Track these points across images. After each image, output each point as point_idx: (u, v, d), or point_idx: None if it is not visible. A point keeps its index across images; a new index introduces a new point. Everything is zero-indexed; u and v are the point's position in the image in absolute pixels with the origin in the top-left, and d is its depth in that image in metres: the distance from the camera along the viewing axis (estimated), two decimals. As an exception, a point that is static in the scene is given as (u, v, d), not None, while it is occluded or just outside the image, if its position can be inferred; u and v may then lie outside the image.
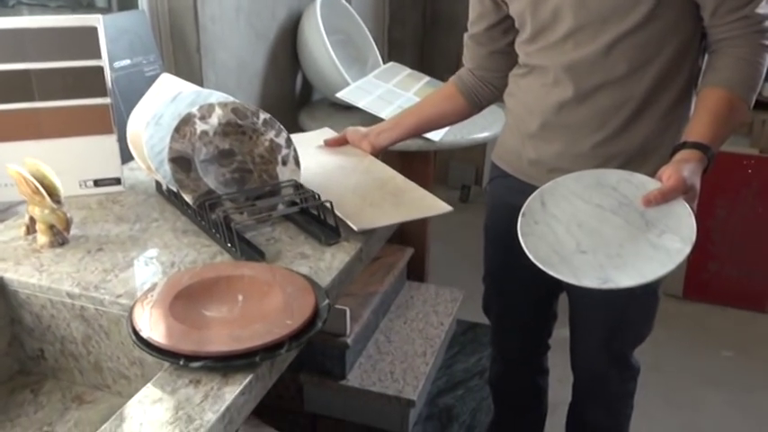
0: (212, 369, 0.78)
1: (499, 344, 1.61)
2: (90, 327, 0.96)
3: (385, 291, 1.92)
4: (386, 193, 1.22)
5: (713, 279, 2.60)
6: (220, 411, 0.73)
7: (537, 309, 1.51)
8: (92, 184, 1.25)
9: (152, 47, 1.55)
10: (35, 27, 1.16)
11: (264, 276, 0.94)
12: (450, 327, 2.03)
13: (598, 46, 1.15)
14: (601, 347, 1.42)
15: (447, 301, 2.08)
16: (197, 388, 0.76)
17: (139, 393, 0.75)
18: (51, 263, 1.02)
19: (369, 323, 1.83)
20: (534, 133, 1.28)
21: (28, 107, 1.18)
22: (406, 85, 2.18)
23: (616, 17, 1.12)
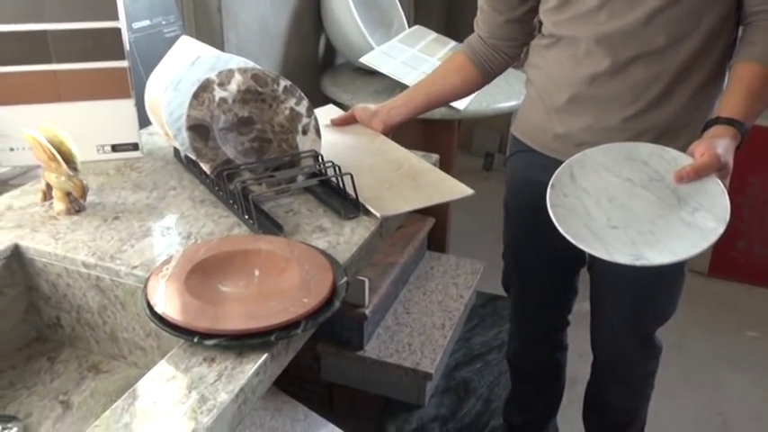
0: (227, 347, 0.77)
1: (518, 320, 1.59)
2: (106, 297, 0.96)
3: (405, 262, 1.90)
4: (403, 176, 1.19)
5: (741, 257, 2.55)
6: (234, 392, 0.72)
7: (557, 285, 1.48)
8: (109, 149, 1.24)
9: (172, 7, 1.51)
10: (52, -13, 1.13)
11: (282, 251, 0.92)
12: (470, 299, 2.01)
13: (637, 16, 1.10)
14: (625, 327, 1.40)
15: (467, 272, 2.06)
16: (211, 366, 0.75)
17: (153, 370, 0.74)
18: (67, 230, 1.01)
19: (388, 294, 1.81)
20: (562, 107, 1.24)
21: (45, 69, 1.16)
22: (432, 51, 2.12)
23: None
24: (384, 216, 1.06)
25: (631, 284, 1.34)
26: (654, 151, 1.08)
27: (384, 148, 1.30)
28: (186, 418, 0.68)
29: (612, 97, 1.18)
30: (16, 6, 1.12)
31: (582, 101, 1.21)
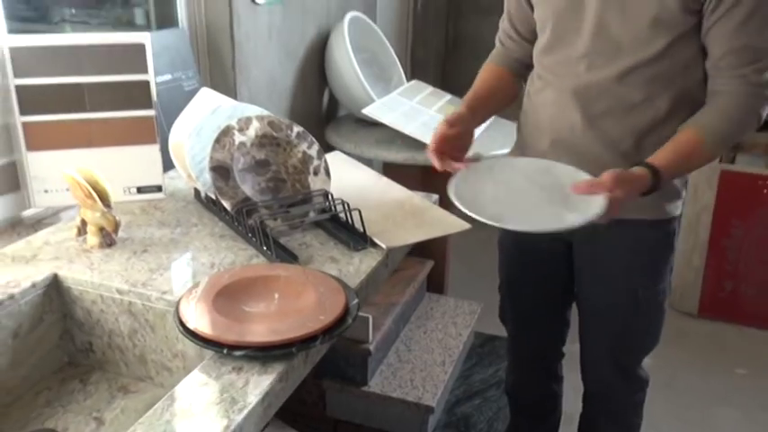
0: (253, 358, 0.86)
1: (515, 350, 1.67)
2: (137, 321, 1.04)
3: (406, 301, 1.98)
4: (406, 213, 1.30)
5: (728, 298, 2.64)
6: (261, 395, 0.80)
7: (550, 315, 1.57)
8: (135, 190, 1.34)
9: (191, 63, 1.64)
10: (89, 44, 1.26)
11: (298, 277, 1.02)
12: (469, 338, 2.09)
13: (612, 72, 1.21)
14: (607, 358, 1.48)
15: (465, 313, 2.14)
16: (239, 374, 0.84)
17: (188, 377, 0.83)
18: (101, 262, 1.11)
19: (390, 332, 1.89)
20: (545, 151, 1.33)
21: (80, 118, 1.27)
22: (429, 103, 2.26)
23: (632, 47, 1.18)
24: (390, 247, 1.16)
25: (613, 320, 1.43)
26: (570, 171, 1.20)
27: (388, 188, 1.41)
28: (219, 417, 0.76)
29: (588, 146, 1.27)
30: (56, 61, 1.24)
31: (562, 147, 1.30)
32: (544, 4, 1.28)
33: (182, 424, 0.75)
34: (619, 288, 1.39)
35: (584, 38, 1.22)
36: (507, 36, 1.43)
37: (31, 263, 1.10)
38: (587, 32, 1.22)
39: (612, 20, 1.18)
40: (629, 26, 1.18)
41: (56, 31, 2.01)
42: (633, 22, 1.17)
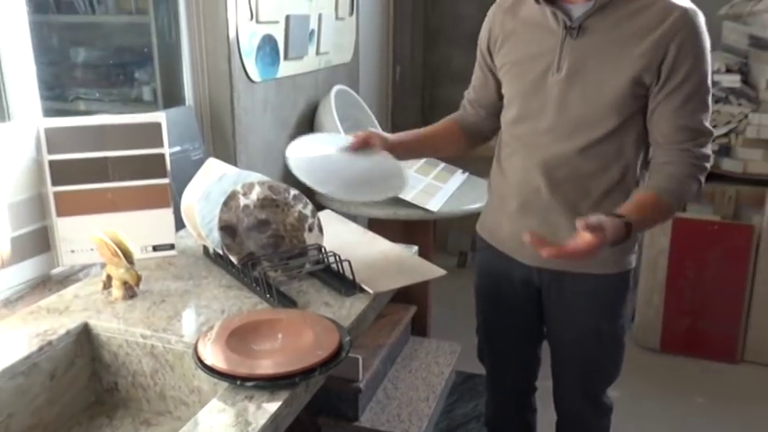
0: (262, 388, 0.98)
1: (493, 386, 1.78)
2: (158, 362, 1.16)
3: (391, 343, 2.10)
4: (389, 262, 1.43)
5: (687, 333, 2.77)
6: (270, 418, 0.92)
7: (524, 354, 1.68)
8: (151, 248, 1.47)
9: (197, 135, 1.79)
10: (112, 123, 1.40)
11: (297, 319, 1.14)
12: (450, 376, 2.20)
13: (572, 146, 1.34)
14: (577, 388, 1.59)
15: (446, 353, 2.25)
16: (251, 401, 0.95)
17: (208, 405, 0.94)
18: (125, 311, 1.22)
19: (378, 371, 2.00)
20: (514, 211, 1.45)
21: (103, 187, 1.41)
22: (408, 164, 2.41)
23: (590, 125, 1.32)
24: (376, 292, 1.28)
25: (581, 355, 1.54)
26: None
27: (373, 240, 1.54)
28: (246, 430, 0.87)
29: (552, 208, 1.39)
30: (84, 139, 1.37)
31: (529, 208, 1.42)
32: (511, 83, 1.41)
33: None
34: (584, 328, 1.50)
35: (549, 115, 1.34)
36: (470, 104, 1.58)
37: (64, 314, 1.21)
38: (551, 110, 1.34)
39: (573, 101, 1.31)
40: (588, 107, 1.31)
41: (71, 106, 2.16)
42: (591, 103, 1.30)
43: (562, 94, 1.32)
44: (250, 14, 1.92)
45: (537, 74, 1.33)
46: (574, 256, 1.16)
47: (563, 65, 1.30)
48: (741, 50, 2.80)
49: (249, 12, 1.91)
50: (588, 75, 1.29)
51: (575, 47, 1.29)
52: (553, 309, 1.53)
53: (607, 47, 1.28)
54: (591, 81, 1.29)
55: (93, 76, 2.22)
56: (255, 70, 1.98)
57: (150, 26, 2.01)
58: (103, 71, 2.21)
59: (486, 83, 1.51)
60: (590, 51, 1.29)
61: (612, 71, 1.28)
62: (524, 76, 1.36)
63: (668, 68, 1.26)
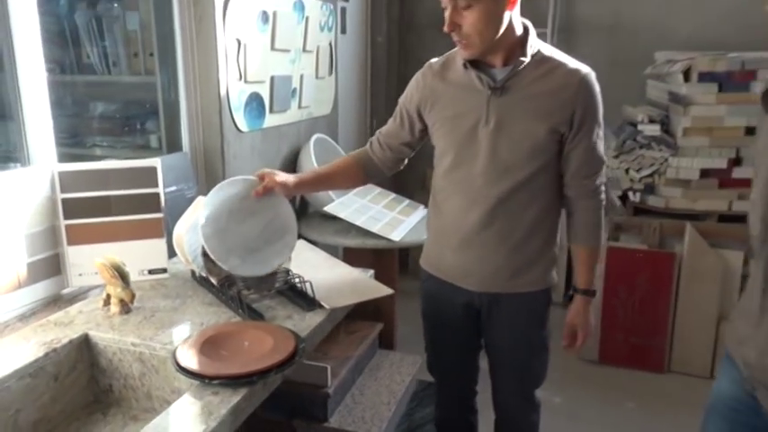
0: (226, 385, 1.06)
1: (441, 393, 1.85)
2: (145, 366, 1.24)
3: (359, 355, 2.16)
4: (345, 283, 1.52)
5: (621, 347, 2.85)
6: (230, 409, 1.00)
7: (465, 364, 1.75)
8: (146, 272, 1.55)
9: (191, 177, 1.89)
10: (116, 167, 1.50)
11: (262, 330, 1.23)
12: (411, 384, 2.26)
13: (503, 187, 1.42)
14: (513, 388, 1.67)
15: (408, 364, 2.32)
16: (215, 396, 1.04)
17: (181, 399, 1.03)
18: (120, 324, 1.30)
19: (346, 379, 2.07)
20: (456, 247, 1.51)
21: (107, 220, 1.50)
22: (378, 201, 2.52)
23: (516, 168, 1.42)
24: (332, 308, 1.37)
25: (515, 360, 1.63)
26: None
27: (334, 265, 1.64)
28: (200, 423, 0.96)
29: (488, 241, 1.48)
30: (91, 180, 1.47)
31: (468, 242, 1.50)
32: (445, 137, 1.48)
33: (175, 427, 0.94)
34: (517, 337, 1.59)
35: (481, 161, 1.44)
36: (380, 144, 1.60)
37: (68, 326, 1.29)
38: (483, 157, 1.43)
39: (502, 148, 1.41)
40: (515, 153, 1.41)
41: (89, 152, 2.25)
42: (517, 150, 1.41)
43: (492, 143, 1.42)
44: (239, 75, 2.04)
45: (468, 127, 1.43)
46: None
47: (491, 119, 1.41)
48: (662, 104, 2.95)
49: (238, 73, 2.03)
50: (513, 126, 1.40)
51: (499, 103, 1.40)
52: (491, 324, 1.60)
53: (526, 103, 1.39)
54: (516, 131, 1.40)
55: (109, 126, 2.32)
56: (244, 122, 2.09)
57: (156, 85, 2.12)
58: (117, 122, 2.31)
59: (399, 133, 1.56)
60: (513, 107, 1.40)
61: (533, 123, 1.39)
62: (457, 130, 1.45)
63: (578, 121, 1.39)
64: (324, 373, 1.91)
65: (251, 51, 2.06)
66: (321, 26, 2.56)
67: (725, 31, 3.06)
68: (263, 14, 2.11)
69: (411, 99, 1.54)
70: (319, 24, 2.53)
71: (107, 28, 2.17)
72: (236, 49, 1.99)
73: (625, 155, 2.84)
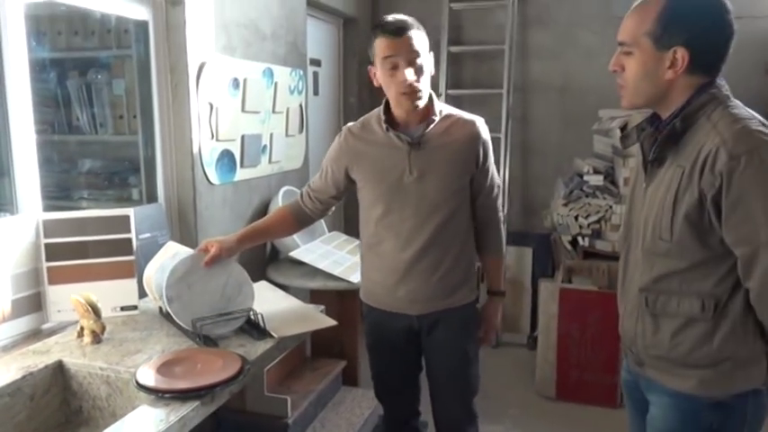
0: (177, 398, 1.23)
1: (388, 416, 1.97)
2: (111, 388, 1.40)
3: (321, 390, 2.32)
4: (297, 316, 1.70)
5: (576, 383, 2.99)
6: (179, 418, 1.17)
7: (408, 386, 1.88)
8: (119, 309, 1.73)
9: (165, 225, 2.09)
10: (93, 216, 1.70)
11: (215, 354, 1.41)
12: (371, 417, 2.40)
13: (431, 224, 1.64)
14: (454, 400, 1.82)
15: (369, 398, 2.46)
16: (167, 407, 1.20)
17: (137, 410, 1.19)
18: (91, 352, 1.48)
19: (308, 412, 2.21)
20: (394, 282, 1.70)
21: (85, 262, 1.69)
22: (342, 247, 2.72)
23: (442, 206, 1.65)
24: (280, 336, 1.55)
25: (455, 372, 1.79)
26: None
27: (287, 301, 1.82)
28: (152, 429, 1.12)
29: (423, 271, 1.68)
30: (71, 227, 1.67)
31: (405, 277, 1.69)
32: (373, 189, 1.67)
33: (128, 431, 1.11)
34: (455, 352, 1.77)
35: (411, 205, 1.65)
36: (309, 197, 1.81)
37: (45, 354, 1.46)
38: (413, 201, 1.64)
39: (428, 191, 1.64)
40: (439, 194, 1.64)
41: (76, 205, 2.45)
42: (441, 191, 1.64)
43: (419, 188, 1.64)
44: (211, 135, 2.27)
45: (394, 179, 1.65)
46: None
47: (414, 169, 1.64)
48: (608, 157, 3.20)
49: (210, 133, 2.26)
50: (434, 172, 1.64)
51: (419, 155, 1.64)
52: (430, 342, 1.78)
53: (441, 151, 1.65)
54: (437, 176, 1.64)
55: (95, 181, 2.52)
56: (215, 176, 2.31)
57: (139, 144, 2.34)
58: (102, 177, 2.52)
59: (327, 189, 1.78)
60: (431, 156, 1.64)
61: (450, 166, 1.65)
62: (384, 182, 1.66)
63: (481, 158, 1.70)
64: (284, 405, 2.06)
65: (222, 113, 2.30)
66: (291, 90, 2.82)
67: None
68: (234, 81, 2.36)
69: (337, 160, 1.74)
70: (289, 88, 2.79)
71: (95, 93, 2.41)
72: (208, 111, 2.23)
73: (573, 203, 3.06)
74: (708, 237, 1.19)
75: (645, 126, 1.33)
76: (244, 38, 2.44)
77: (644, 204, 1.29)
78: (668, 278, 1.24)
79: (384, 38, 1.57)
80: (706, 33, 1.19)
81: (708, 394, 1.24)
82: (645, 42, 1.21)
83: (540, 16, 3.64)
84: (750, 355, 1.22)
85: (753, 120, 1.18)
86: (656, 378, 1.31)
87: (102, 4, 1.94)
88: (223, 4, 2.28)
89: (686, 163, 1.19)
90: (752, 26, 3.32)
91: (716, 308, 1.21)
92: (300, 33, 2.93)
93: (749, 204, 1.12)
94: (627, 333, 1.36)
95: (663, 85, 1.23)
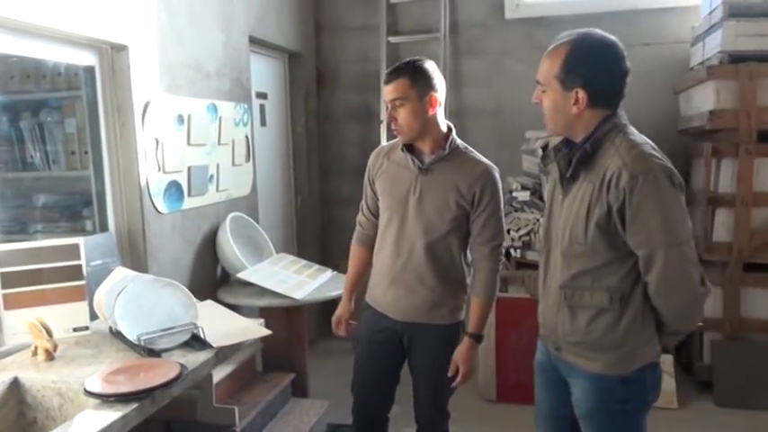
0: (120, 401, 1.40)
1: (357, 414, 2.09)
2: (63, 398, 1.56)
3: (269, 400, 2.48)
4: (236, 329, 1.89)
5: (514, 386, 3.21)
6: (119, 417, 1.34)
7: (381, 386, 2.05)
8: (72, 330, 1.89)
9: (115, 252, 2.25)
10: (47, 246, 1.87)
11: (155, 363, 1.58)
12: (318, 425, 2.57)
13: (424, 241, 1.87)
14: (429, 401, 2.02)
15: (316, 407, 2.64)
16: (111, 409, 1.38)
17: (83, 412, 1.36)
18: (45, 368, 1.63)
19: (256, 422, 2.38)
20: (386, 284, 1.95)
21: (39, 288, 1.85)
22: (290, 267, 2.91)
23: (436, 226, 1.86)
24: (218, 346, 1.73)
25: (430, 377, 1.99)
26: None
27: (229, 316, 2.01)
28: (95, 427, 1.29)
29: (409, 281, 1.90)
30: (26, 257, 1.83)
31: (395, 282, 1.93)
32: (386, 200, 1.94)
33: (79, 429, 1.28)
34: (431, 360, 1.97)
35: (410, 220, 1.88)
36: (365, 216, 2.06)
37: (2, 372, 1.62)
38: (411, 217, 1.88)
39: (426, 211, 1.87)
40: (435, 215, 1.87)
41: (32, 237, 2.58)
42: (436, 213, 1.86)
43: (419, 206, 1.89)
44: (158, 167, 2.45)
45: (402, 195, 1.91)
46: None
47: (417, 190, 1.89)
48: (534, 174, 3.48)
49: (157, 165, 2.45)
50: (433, 197, 1.88)
51: (424, 180, 1.89)
52: (412, 350, 2.00)
53: (443, 182, 1.88)
54: (436, 200, 1.88)
55: (50, 215, 2.66)
56: (163, 205, 2.49)
57: (91, 178, 2.50)
58: (57, 210, 2.66)
59: (373, 200, 2.03)
60: (434, 184, 1.89)
61: (447, 195, 1.87)
62: (393, 196, 1.93)
63: (477, 200, 1.88)
64: (232, 414, 2.22)
65: (168, 147, 2.49)
66: (236, 122, 3.03)
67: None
68: (179, 117, 2.56)
69: (368, 173, 2.04)
70: (234, 121, 3.00)
71: (48, 132, 2.56)
72: (154, 146, 2.42)
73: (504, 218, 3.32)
74: (614, 240, 1.45)
75: (561, 147, 1.57)
76: (188, 77, 2.64)
77: (561, 214, 1.55)
78: (583, 276, 1.50)
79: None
80: (601, 76, 1.46)
81: (615, 372, 1.50)
82: (554, 84, 1.48)
83: (472, 47, 3.94)
84: (646, 336, 1.50)
85: (645, 145, 1.46)
86: (573, 361, 1.56)
87: (50, 54, 2.12)
88: (166, 47, 2.49)
89: (596, 180, 1.45)
90: (660, 51, 3.66)
91: (621, 299, 1.48)
92: (244, 70, 3.14)
93: (646, 214, 1.40)
94: (548, 323, 1.61)
95: (571, 118, 1.49)
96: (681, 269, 1.40)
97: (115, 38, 2.22)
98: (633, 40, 3.69)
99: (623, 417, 1.52)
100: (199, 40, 2.72)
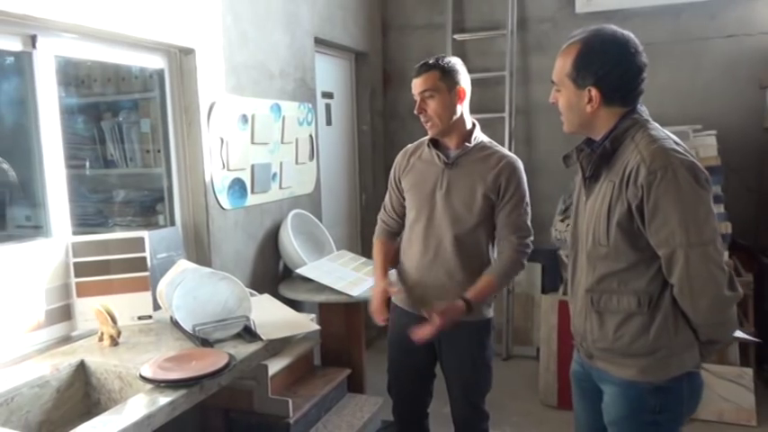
0: (170, 387, 1.48)
1: (397, 413, 2.12)
2: (122, 381, 1.66)
3: (324, 395, 2.53)
4: (287, 323, 1.94)
5: (577, 392, 3.10)
6: (169, 402, 1.41)
7: (419, 386, 2.06)
8: (136, 318, 2.00)
9: (180, 245, 2.37)
10: (113, 239, 1.99)
11: (207, 353, 1.65)
12: (371, 421, 2.59)
13: (451, 234, 1.88)
14: (463, 400, 2.01)
15: (371, 404, 2.66)
16: (161, 394, 1.45)
17: (135, 396, 1.44)
18: (109, 353, 1.74)
19: (311, 414, 2.42)
20: (414, 281, 1.97)
21: (107, 278, 1.97)
22: (347, 264, 2.95)
23: (462, 220, 1.88)
24: (267, 339, 1.78)
25: (461, 376, 1.99)
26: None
27: (282, 311, 2.06)
28: (146, 409, 1.37)
29: (439, 273, 1.91)
30: (96, 248, 1.96)
31: (424, 278, 1.93)
32: (413, 197, 1.96)
33: (128, 411, 1.36)
34: (464, 358, 1.97)
35: (438, 215, 1.91)
36: (389, 216, 2.08)
37: (71, 355, 1.74)
38: (439, 212, 1.90)
39: (453, 204, 1.89)
40: (462, 209, 1.88)
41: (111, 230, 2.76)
42: (463, 206, 1.88)
43: (446, 200, 1.91)
44: (222, 165, 2.55)
45: (429, 190, 1.93)
46: (436, 329, 1.80)
47: (444, 184, 1.91)
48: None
49: (222, 163, 2.55)
50: (460, 190, 1.90)
51: (451, 174, 1.91)
52: (442, 346, 1.99)
53: (468, 175, 1.90)
54: (462, 194, 1.89)
55: (127, 209, 2.82)
56: (227, 201, 2.59)
57: (163, 175, 2.64)
58: (134, 205, 2.82)
59: (398, 199, 2.05)
60: (460, 177, 1.90)
61: (473, 189, 1.89)
62: (421, 192, 1.94)
63: (502, 192, 1.88)
64: (286, 406, 2.28)
65: (232, 146, 2.59)
66: (300, 121, 3.10)
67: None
68: (243, 117, 2.65)
69: (394, 172, 2.07)
70: (297, 120, 3.07)
71: (125, 131, 2.73)
72: (219, 144, 2.52)
73: (569, 219, 3.20)
74: (637, 240, 1.38)
75: (583, 147, 1.52)
76: (252, 78, 2.73)
77: (585, 215, 1.49)
78: (608, 279, 1.43)
79: None
80: (613, 74, 1.39)
81: (647, 380, 1.42)
82: (567, 83, 1.43)
83: (540, 42, 3.84)
84: (681, 343, 1.41)
85: (667, 140, 1.38)
86: (604, 368, 1.49)
87: (126, 58, 2.25)
88: (231, 49, 2.58)
89: (616, 178, 1.39)
90: (745, 43, 3.42)
91: (650, 303, 1.40)
92: (309, 70, 3.21)
93: (666, 212, 1.32)
94: (577, 330, 1.54)
95: (587, 116, 1.44)
96: (704, 270, 1.31)
97: (183, 42, 2.33)
98: (715, 32, 3.47)
99: (653, 428, 1.43)
100: (263, 41, 2.81)
